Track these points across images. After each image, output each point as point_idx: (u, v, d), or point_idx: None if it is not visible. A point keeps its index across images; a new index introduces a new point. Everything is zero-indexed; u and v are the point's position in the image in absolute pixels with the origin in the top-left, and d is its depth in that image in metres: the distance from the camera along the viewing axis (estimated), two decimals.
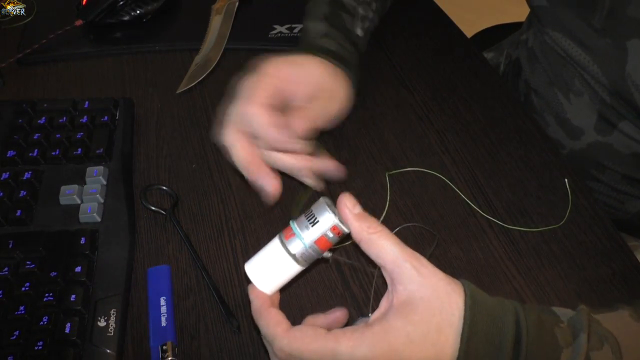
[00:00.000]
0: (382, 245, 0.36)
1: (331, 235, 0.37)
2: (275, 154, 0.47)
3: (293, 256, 0.38)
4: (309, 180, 0.49)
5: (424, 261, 0.35)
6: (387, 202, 0.56)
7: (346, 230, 0.37)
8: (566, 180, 0.57)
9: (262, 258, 0.39)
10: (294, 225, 0.38)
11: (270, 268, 0.39)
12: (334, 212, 0.37)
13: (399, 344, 0.33)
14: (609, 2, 0.57)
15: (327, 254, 0.39)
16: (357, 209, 0.37)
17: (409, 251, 0.36)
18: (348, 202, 0.37)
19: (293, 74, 0.48)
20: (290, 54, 0.50)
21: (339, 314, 0.40)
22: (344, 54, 0.55)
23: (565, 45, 0.64)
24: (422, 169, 0.59)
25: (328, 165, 0.49)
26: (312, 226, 0.37)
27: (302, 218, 0.38)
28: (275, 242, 0.39)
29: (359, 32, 0.60)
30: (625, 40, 0.56)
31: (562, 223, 0.54)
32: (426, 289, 0.35)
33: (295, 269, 0.39)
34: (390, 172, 0.57)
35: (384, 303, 0.37)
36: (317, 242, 0.37)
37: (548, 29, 0.66)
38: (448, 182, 0.58)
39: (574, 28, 0.62)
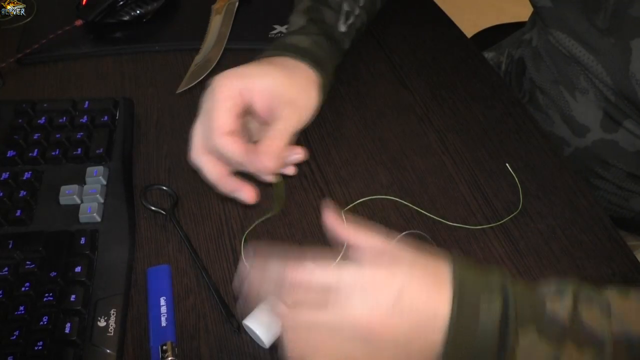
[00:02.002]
0: (363, 238, 0.40)
1: None
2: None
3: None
4: (280, 173, 0.49)
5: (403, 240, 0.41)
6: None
7: None
8: (507, 164, 0.58)
9: (262, 312, 0.45)
10: None
11: (271, 319, 0.44)
12: None
13: (401, 254, 0.37)
14: (612, 2, 0.57)
15: None
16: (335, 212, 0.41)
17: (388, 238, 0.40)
18: (330, 215, 0.42)
19: (246, 88, 0.47)
20: (251, 63, 0.49)
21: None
22: (316, 50, 0.54)
23: (569, 45, 0.64)
24: (377, 197, 0.59)
25: (294, 154, 0.49)
26: None
27: None
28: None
29: (342, 27, 0.59)
30: (629, 40, 0.56)
31: (519, 209, 0.55)
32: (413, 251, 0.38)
33: None
34: (345, 209, 0.56)
35: None
36: None
37: (552, 30, 0.66)
38: (405, 202, 0.58)
39: (578, 28, 0.62)
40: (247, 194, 0.46)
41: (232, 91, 0.47)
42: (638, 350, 0.36)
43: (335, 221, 0.41)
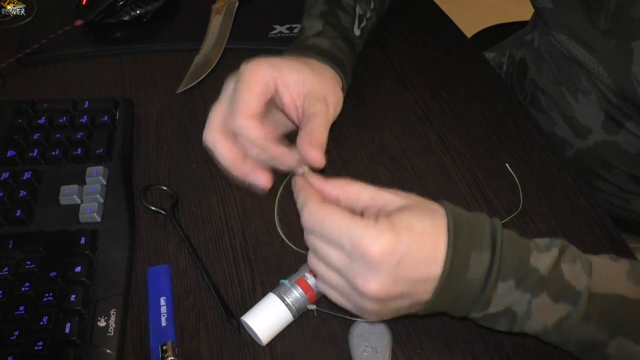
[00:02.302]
0: (355, 189, 0.41)
1: (309, 276, 0.47)
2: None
3: (288, 305, 0.46)
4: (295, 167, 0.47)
5: (396, 189, 0.41)
6: None
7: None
8: (507, 164, 0.59)
9: (260, 309, 0.46)
10: (285, 281, 0.47)
11: (269, 317, 0.45)
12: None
13: (403, 232, 0.37)
14: (614, 4, 0.57)
15: (312, 306, 0.47)
16: (320, 177, 0.41)
17: (381, 187, 0.41)
18: (312, 179, 0.42)
19: (276, 78, 0.46)
20: (278, 56, 0.49)
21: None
22: (337, 53, 0.54)
23: (570, 47, 0.64)
24: None
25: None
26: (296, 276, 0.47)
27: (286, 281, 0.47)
28: (271, 296, 0.46)
29: (357, 31, 0.59)
30: (631, 41, 0.56)
31: (520, 209, 0.55)
32: (410, 200, 0.40)
33: (289, 316, 0.46)
34: None
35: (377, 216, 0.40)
36: (302, 288, 0.46)
37: (553, 31, 0.66)
38: None
39: (579, 30, 0.62)
40: (262, 178, 0.44)
41: (262, 77, 0.45)
42: (614, 308, 0.39)
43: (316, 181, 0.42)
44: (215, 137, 0.45)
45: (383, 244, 0.36)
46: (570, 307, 0.39)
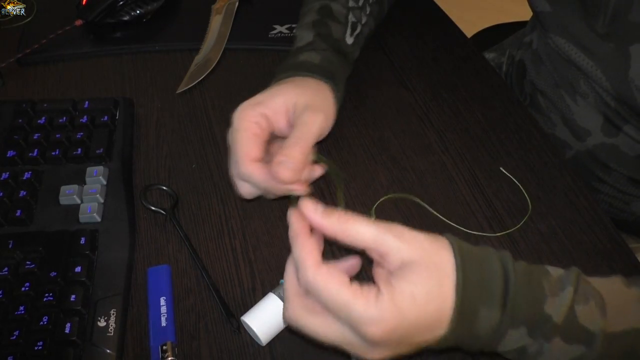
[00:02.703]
0: (357, 229, 0.37)
1: None
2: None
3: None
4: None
5: (401, 228, 0.37)
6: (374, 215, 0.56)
7: None
8: (501, 168, 0.58)
9: (260, 309, 0.46)
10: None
11: (269, 317, 0.45)
12: None
13: (405, 306, 0.34)
14: (612, 8, 0.56)
15: None
16: (320, 208, 0.38)
17: (385, 225, 0.37)
18: (310, 206, 0.38)
19: (262, 114, 0.48)
20: (261, 92, 0.50)
21: (353, 262, 0.40)
22: (327, 65, 0.55)
23: (568, 50, 0.64)
24: (400, 195, 0.59)
25: (315, 173, 0.50)
26: None
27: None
28: (271, 296, 0.47)
29: (349, 40, 0.59)
30: (628, 45, 0.56)
31: (529, 213, 0.55)
32: (415, 251, 0.36)
33: None
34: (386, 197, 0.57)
35: (378, 278, 0.37)
36: None
37: (551, 34, 0.66)
38: (426, 206, 0.58)
39: (577, 33, 0.62)
40: (299, 187, 0.46)
41: (250, 118, 0.48)
42: (635, 343, 0.37)
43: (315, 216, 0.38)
44: (247, 187, 0.48)
45: (384, 327, 0.34)
46: (584, 349, 0.37)
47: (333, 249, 0.49)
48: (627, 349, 0.38)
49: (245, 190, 0.48)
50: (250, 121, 0.47)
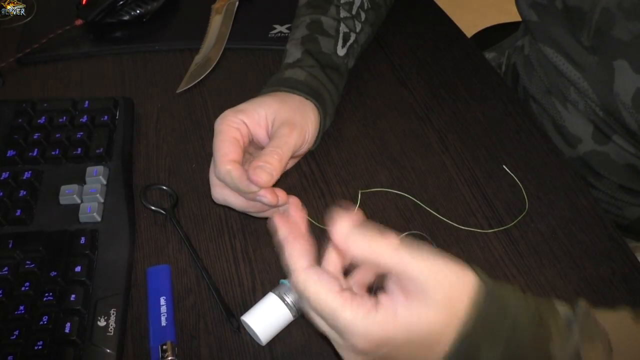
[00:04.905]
0: (382, 251, 0.34)
1: None
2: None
3: (288, 305, 0.46)
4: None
5: (428, 254, 0.34)
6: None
7: None
8: (504, 166, 0.58)
9: (260, 309, 0.46)
10: (285, 281, 0.47)
11: (269, 316, 0.45)
12: None
13: (399, 328, 0.33)
14: (595, 21, 0.57)
15: None
16: (353, 230, 0.35)
17: (413, 250, 0.34)
18: (344, 227, 0.34)
19: (242, 122, 0.50)
20: (244, 102, 0.52)
21: (367, 275, 0.39)
22: (312, 82, 0.56)
23: (556, 60, 0.64)
24: (393, 191, 0.59)
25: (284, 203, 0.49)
26: None
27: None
28: (271, 295, 0.46)
29: (341, 52, 0.60)
30: (612, 60, 0.57)
31: (526, 211, 0.55)
32: (438, 287, 0.33)
33: (289, 316, 0.46)
34: (364, 191, 0.57)
35: (389, 289, 0.35)
36: None
37: (540, 44, 0.66)
38: (421, 204, 0.58)
39: (564, 44, 0.62)
40: (269, 196, 0.47)
41: (231, 124, 0.50)
42: None
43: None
44: (221, 192, 0.50)
45: (368, 341, 0.33)
46: None
47: None
48: None
49: (219, 192, 0.50)
50: (231, 126, 0.49)
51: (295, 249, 0.36)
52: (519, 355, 0.35)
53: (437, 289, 0.33)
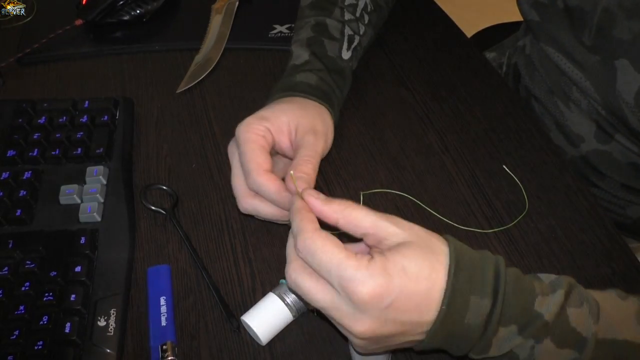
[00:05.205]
0: (357, 215, 0.38)
1: None
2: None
3: (288, 305, 0.46)
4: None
5: (398, 218, 0.38)
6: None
7: None
8: (504, 166, 0.58)
9: (260, 309, 0.46)
10: (285, 281, 0.46)
11: (269, 316, 0.46)
12: None
13: (395, 274, 0.35)
14: (596, 21, 0.57)
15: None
16: (322, 196, 0.39)
17: (383, 214, 0.38)
18: (313, 193, 0.40)
19: (267, 129, 0.50)
20: (263, 108, 0.52)
21: (362, 247, 0.41)
22: (323, 87, 0.56)
23: (558, 60, 0.64)
24: (393, 191, 0.59)
25: None
26: None
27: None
28: (271, 295, 0.46)
29: (346, 55, 0.60)
30: (614, 60, 0.57)
31: (526, 211, 0.55)
32: (411, 236, 0.37)
33: (289, 316, 0.46)
34: (365, 192, 0.57)
35: (372, 252, 0.38)
36: None
37: (542, 43, 0.66)
38: (421, 204, 0.58)
39: (566, 44, 0.62)
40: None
41: (257, 131, 0.49)
42: (621, 355, 0.38)
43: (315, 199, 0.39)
44: (251, 202, 0.49)
45: (373, 287, 0.35)
46: (576, 354, 0.37)
47: None
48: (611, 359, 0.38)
49: (248, 202, 0.49)
50: (258, 134, 0.49)
51: (307, 217, 0.39)
52: (506, 311, 0.36)
53: (415, 239, 0.37)
